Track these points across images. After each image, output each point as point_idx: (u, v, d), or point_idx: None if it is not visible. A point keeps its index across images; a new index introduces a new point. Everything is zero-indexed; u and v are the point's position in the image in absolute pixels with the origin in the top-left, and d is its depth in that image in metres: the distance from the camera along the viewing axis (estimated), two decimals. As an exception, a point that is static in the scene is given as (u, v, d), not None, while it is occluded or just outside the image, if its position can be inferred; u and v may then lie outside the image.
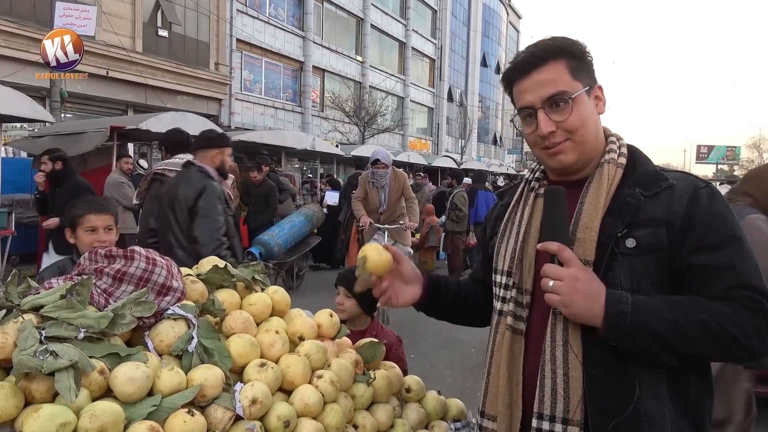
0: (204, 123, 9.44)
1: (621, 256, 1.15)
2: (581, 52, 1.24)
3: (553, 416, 1.14)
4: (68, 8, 10.82)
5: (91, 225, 2.40)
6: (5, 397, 0.98)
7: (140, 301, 1.21)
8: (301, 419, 1.24)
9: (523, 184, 1.37)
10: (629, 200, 1.17)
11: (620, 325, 1.09)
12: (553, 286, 1.11)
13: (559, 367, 1.14)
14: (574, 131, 1.20)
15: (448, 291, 1.43)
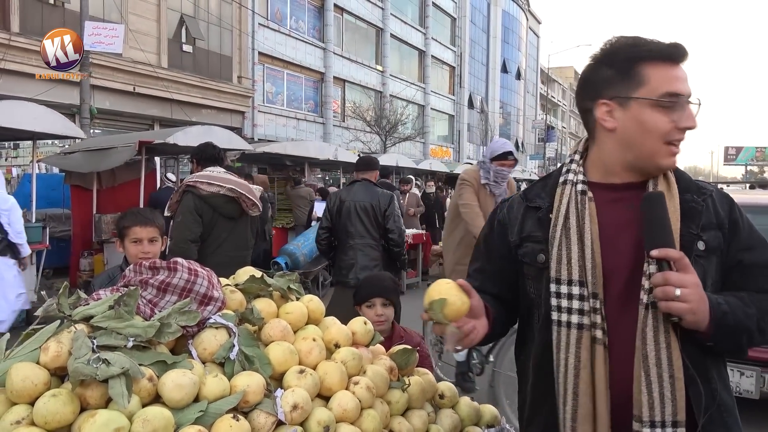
0: (229, 136, 9.61)
1: (696, 258, 1.19)
2: None
3: (663, 421, 1.14)
4: (97, 27, 11.12)
5: (136, 236, 2.47)
6: (63, 403, 1.03)
7: (184, 311, 1.26)
8: (340, 424, 1.28)
9: (570, 188, 1.29)
10: (693, 205, 1.23)
11: (725, 326, 1.14)
12: (681, 294, 1.10)
13: (665, 371, 1.14)
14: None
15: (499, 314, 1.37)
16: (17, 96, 11.59)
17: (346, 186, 4.77)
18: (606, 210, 1.24)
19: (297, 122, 21.90)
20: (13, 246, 5.60)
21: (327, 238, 4.40)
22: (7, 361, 1.11)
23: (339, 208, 4.33)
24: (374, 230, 4.31)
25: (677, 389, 1.14)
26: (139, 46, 14.95)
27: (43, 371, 1.08)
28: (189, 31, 17.15)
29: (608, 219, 1.23)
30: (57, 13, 13.82)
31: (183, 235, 3.55)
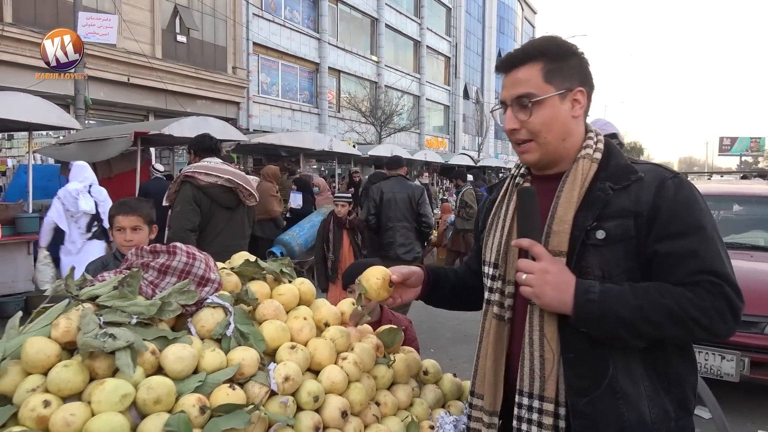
0: (224, 126, 9.66)
1: (592, 247, 1.22)
2: (563, 55, 1.30)
3: (531, 393, 1.25)
4: (90, 18, 11.11)
5: (120, 225, 2.57)
6: (74, 372, 1.12)
7: (184, 291, 1.35)
8: (329, 395, 1.38)
9: (509, 180, 1.45)
10: (599, 194, 1.25)
11: (588, 313, 1.17)
12: (526, 279, 1.21)
13: (536, 350, 1.24)
14: (536, 133, 1.28)
15: (446, 283, 1.56)
16: (11, 87, 11.58)
17: (385, 181, 5.92)
18: (539, 200, 1.28)
19: (292, 113, 21.91)
20: (105, 231, 6.15)
21: (375, 221, 5.69)
22: (20, 336, 1.20)
23: (381, 198, 5.64)
24: (409, 215, 5.63)
25: (546, 369, 1.23)
26: (133, 36, 14.92)
27: (55, 345, 1.18)
28: (183, 21, 17.10)
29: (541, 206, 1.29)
30: (50, 4, 13.77)
31: (182, 224, 3.63)
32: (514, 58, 1.31)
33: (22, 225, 7.24)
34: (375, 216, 5.67)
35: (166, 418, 1.09)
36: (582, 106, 1.31)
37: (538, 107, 1.27)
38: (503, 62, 1.33)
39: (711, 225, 1.23)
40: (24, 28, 12.74)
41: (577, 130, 1.32)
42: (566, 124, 1.30)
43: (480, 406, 1.37)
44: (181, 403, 1.14)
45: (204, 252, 1.52)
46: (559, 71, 1.28)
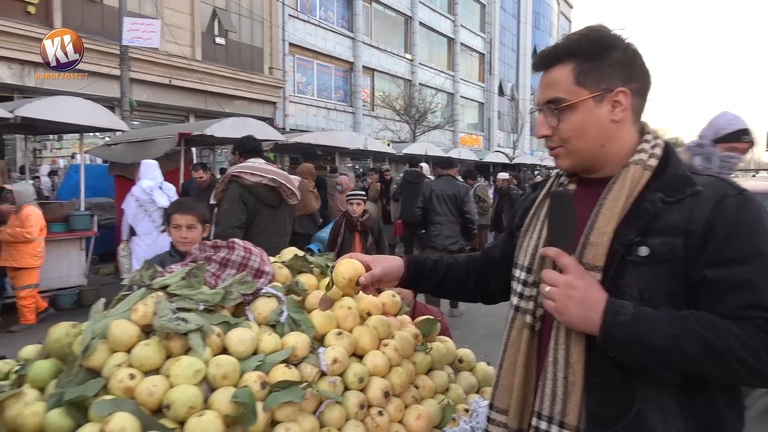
0: (263, 126, 9.93)
1: (632, 265, 1.10)
2: (600, 51, 1.16)
3: (550, 417, 1.13)
4: (135, 23, 11.56)
5: (177, 223, 2.77)
6: (154, 350, 1.29)
7: (243, 282, 1.51)
8: (372, 377, 1.52)
9: (553, 179, 1.34)
10: (647, 206, 1.11)
11: (616, 336, 1.06)
12: (549, 292, 1.11)
13: (560, 370, 1.13)
14: (565, 140, 1.18)
15: (431, 278, 1.48)
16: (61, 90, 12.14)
17: (435, 180, 6.82)
18: (580, 204, 1.17)
19: (327, 112, 22.19)
20: None
21: (421, 214, 6.43)
22: (105, 319, 1.38)
23: (430, 195, 6.37)
24: (455, 211, 6.34)
25: (570, 392, 1.11)
26: (174, 39, 15.38)
27: (135, 326, 1.35)
28: (221, 23, 17.52)
29: (579, 213, 1.16)
30: (96, 9, 14.32)
31: (229, 221, 3.84)
32: (545, 59, 1.20)
33: (75, 222, 7.62)
34: (422, 209, 6.39)
35: (233, 392, 1.25)
36: (624, 108, 1.16)
37: (568, 113, 1.16)
38: (537, 61, 1.23)
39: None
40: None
41: (622, 134, 1.18)
42: (604, 129, 1.16)
43: (502, 422, 1.25)
44: (245, 379, 1.30)
45: (258, 247, 1.68)
46: (594, 71, 1.15)
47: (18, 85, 12.62)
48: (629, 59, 1.17)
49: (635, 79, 1.17)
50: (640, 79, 1.18)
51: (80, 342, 1.33)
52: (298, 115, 20.73)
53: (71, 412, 1.21)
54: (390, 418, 1.49)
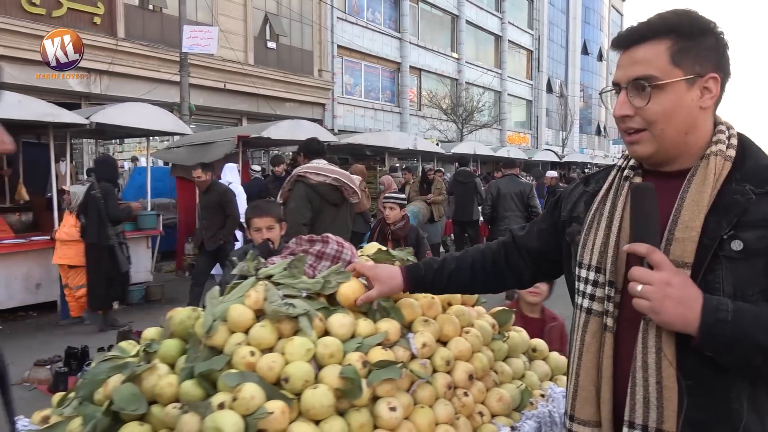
0: (315, 128, 10.21)
1: (725, 260, 1.05)
2: (698, 32, 1.11)
3: (645, 426, 1.07)
4: (194, 30, 12.04)
5: (257, 226, 2.96)
6: (269, 332, 1.46)
7: (339, 272, 1.66)
8: (457, 361, 1.64)
9: (615, 172, 1.26)
10: (738, 198, 1.07)
11: (718, 335, 1.01)
12: (642, 290, 1.05)
13: (652, 375, 1.07)
14: (652, 123, 1.11)
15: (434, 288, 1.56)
16: (125, 96, 12.77)
17: (500, 179, 7.71)
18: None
19: (375, 112, 22.43)
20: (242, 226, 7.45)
21: (490, 211, 7.34)
22: (222, 304, 1.55)
23: (497, 193, 7.25)
24: (520, 206, 7.14)
25: (665, 397, 1.06)
26: (229, 45, 15.90)
27: (250, 310, 1.52)
28: (273, 28, 17.99)
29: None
30: (156, 18, 14.97)
31: (297, 219, 4.05)
32: (635, 34, 1.13)
33: (142, 222, 8.04)
34: (491, 207, 7.29)
35: (339, 369, 1.40)
36: (714, 95, 1.12)
37: (659, 93, 1.09)
38: (622, 37, 1.16)
39: None
40: (134, 42, 13.95)
41: (705, 123, 1.14)
42: (692, 115, 1.11)
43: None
44: (348, 359, 1.45)
45: (348, 242, 1.83)
46: (690, 52, 1.09)
47: (85, 92, 13.34)
48: (721, 47, 1.13)
49: (723, 68, 1.13)
50: (726, 69, 1.14)
51: (202, 324, 1.51)
52: (346, 116, 21.04)
53: (201, 383, 1.38)
54: (474, 399, 1.62)
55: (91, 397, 1.56)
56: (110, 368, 1.59)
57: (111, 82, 13.66)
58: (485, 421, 1.62)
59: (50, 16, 12.31)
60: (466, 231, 9.44)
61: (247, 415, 1.25)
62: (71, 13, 12.83)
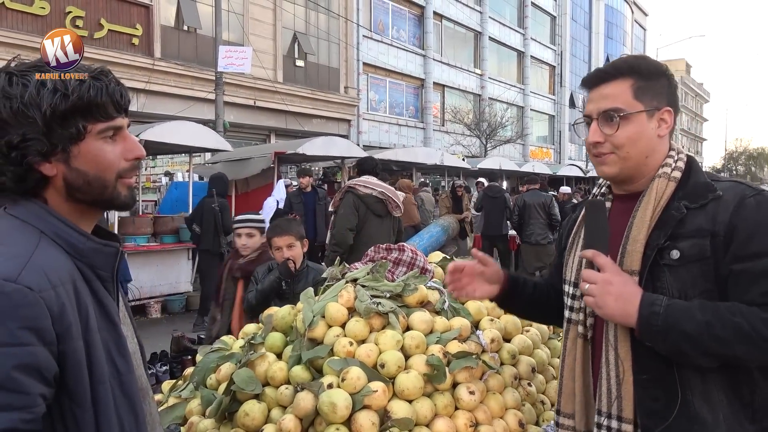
0: (348, 144, 10.55)
1: (667, 268, 1.22)
2: (654, 74, 1.31)
3: (609, 413, 1.25)
4: (229, 50, 12.49)
5: (277, 245, 2.93)
6: (362, 326, 1.71)
7: (417, 276, 1.90)
8: (521, 355, 1.87)
9: (591, 198, 1.44)
10: (673, 213, 1.24)
11: (652, 325, 1.17)
12: (588, 288, 1.24)
13: (612, 369, 1.24)
14: (619, 147, 1.28)
15: (523, 292, 1.55)
16: (161, 114, 13.27)
17: (525, 192, 8.99)
18: (620, 218, 1.31)
19: (399, 128, 22.76)
20: None
21: (518, 219, 8.61)
22: (319, 302, 1.80)
23: (523, 204, 8.52)
24: (543, 215, 8.39)
25: (623, 390, 1.23)
26: (259, 63, 16.39)
27: (344, 308, 1.77)
28: (301, 46, 18.47)
29: (615, 227, 1.30)
30: (191, 39, 15.52)
31: (344, 224, 4.47)
32: (603, 73, 1.33)
33: (183, 234, 8.38)
34: (518, 217, 8.60)
35: (425, 357, 1.63)
36: (668, 126, 1.31)
37: (625, 123, 1.27)
38: (591, 77, 1.35)
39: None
40: (170, 62, 14.48)
41: (661, 149, 1.32)
42: (651, 141, 1.30)
43: (570, 425, 1.37)
44: (431, 349, 1.68)
45: (420, 251, 2.07)
46: (648, 89, 1.29)
47: (124, 110, 13.88)
48: (672, 87, 1.34)
49: (674, 104, 1.34)
50: (676, 105, 1.35)
51: (302, 319, 1.76)
52: (371, 131, 21.39)
53: (308, 368, 1.63)
54: (536, 389, 1.83)
55: (204, 381, 1.81)
56: (219, 357, 1.84)
57: (147, 100, 14.16)
58: (546, 409, 1.84)
59: (92, 38, 12.88)
60: (495, 245, 9.63)
61: (354, 393, 1.49)
62: (111, 35, 13.41)
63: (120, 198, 1.07)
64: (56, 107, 0.99)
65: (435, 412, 1.58)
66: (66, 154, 1.01)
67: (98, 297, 1.02)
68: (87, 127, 1.02)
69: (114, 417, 1.00)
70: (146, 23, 14.17)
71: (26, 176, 1.01)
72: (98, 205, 1.07)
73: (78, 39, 1.14)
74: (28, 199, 1.02)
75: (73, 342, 0.94)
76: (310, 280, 2.90)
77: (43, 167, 1.01)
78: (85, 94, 1.01)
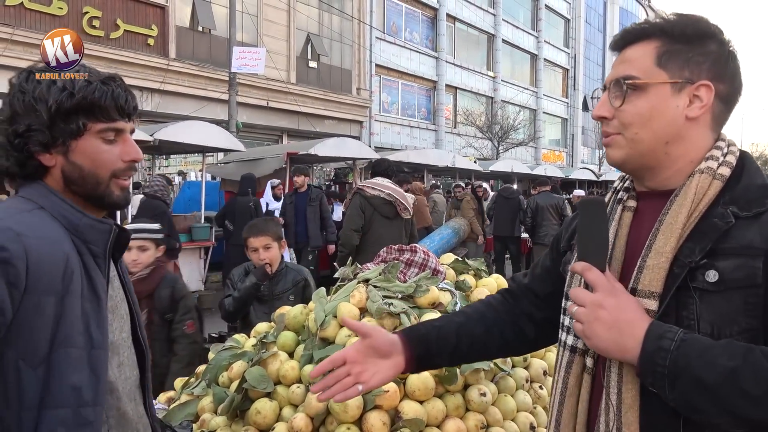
0: (359, 146, 10.56)
1: (699, 293, 0.92)
2: (694, 36, 1.00)
3: None
4: (243, 51, 12.58)
5: (253, 246, 2.87)
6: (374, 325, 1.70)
7: (429, 278, 1.91)
8: (532, 359, 1.86)
9: (611, 194, 1.14)
10: (716, 221, 0.93)
11: (657, 365, 0.87)
12: (576, 312, 0.96)
13: (612, 420, 0.95)
14: (626, 125, 1.01)
15: (442, 349, 1.21)
16: (175, 114, 13.39)
17: (537, 195, 9.06)
18: (639, 223, 1.03)
19: (411, 130, 22.77)
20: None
21: (531, 221, 8.75)
22: (331, 302, 1.81)
23: (536, 206, 8.68)
24: (556, 216, 8.57)
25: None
26: (273, 64, 16.48)
27: (356, 308, 1.77)
28: (314, 48, 18.56)
29: (635, 234, 1.03)
30: (205, 39, 15.64)
31: (348, 224, 4.55)
32: (628, 34, 1.06)
33: (196, 233, 8.46)
34: (531, 218, 8.76)
35: (437, 359, 1.63)
36: (705, 105, 0.99)
37: (637, 94, 1.00)
38: (617, 37, 1.08)
39: None
40: (184, 62, 14.61)
41: (695, 136, 1.00)
42: (674, 123, 0.99)
43: None
44: (442, 351, 1.68)
45: (432, 252, 2.07)
46: (679, 55, 0.99)
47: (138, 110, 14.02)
48: (725, 57, 1.01)
49: (725, 80, 1.01)
50: (730, 82, 1.01)
51: (314, 319, 1.77)
52: (383, 133, 21.42)
53: (320, 368, 1.63)
54: (548, 392, 1.83)
55: (216, 379, 1.83)
56: (231, 356, 1.86)
57: (162, 100, 14.30)
58: (557, 413, 1.83)
59: (108, 38, 13.02)
60: (507, 247, 9.60)
61: (365, 393, 1.49)
62: (127, 35, 13.54)
63: (112, 196, 1.15)
64: (61, 104, 1.08)
65: (446, 413, 1.59)
66: (65, 147, 1.10)
67: (88, 270, 1.09)
68: (87, 125, 1.11)
69: (68, 384, 1.01)
70: (161, 24, 14.30)
71: (26, 163, 1.10)
72: (92, 201, 1.15)
73: (78, 39, 1.20)
74: (35, 181, 1.12)
75: (40, 297, 0.99)
76: (290, 281, 2.98)
77: (43, 157, 1.10)
78: (89, 95, 1.10)
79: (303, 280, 3.03)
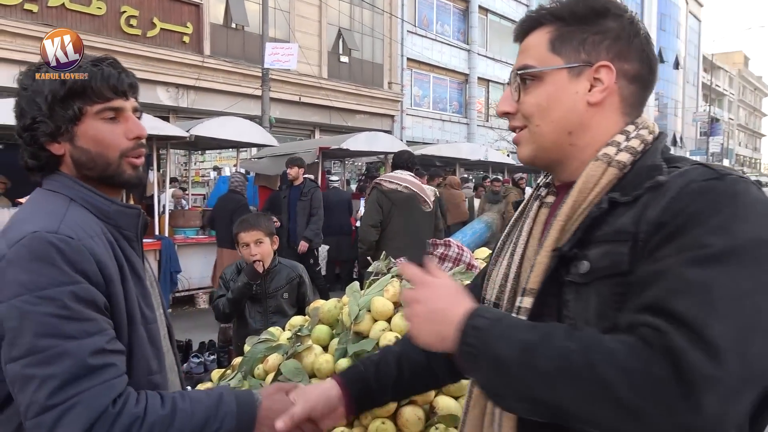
0: (392, 140, 10.57)
1: (574, 287, 0.83)
2: (588, 17, 0.91)
3: None
4: (276, 47, 12.70)
5: (244, 241, 2.81)
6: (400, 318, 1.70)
7: (463, 272, 1.89)
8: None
9: (532, 191, 1.06)
10: (593, 210, 0.86)
11: (465, 344, 0.81)
12: (405, 312, 0.92)
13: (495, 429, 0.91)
14: (528, 117, 0.94)
15: (384, 385, 1.17)
16: (210, 110, 13.61)
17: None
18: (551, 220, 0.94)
19: (442, 123, 22.65)
20: None
21: None
22: (365, 296, 1.82)
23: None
24: None
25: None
26: (305, 59, 16.59)
27: (389, 303, 1.77)
28: (346, 42, 18.62)
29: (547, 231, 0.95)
30: (238, 36, 15.85)
31: (366, 220, 4.58)
32: (524, 23, 0.98)
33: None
34: None
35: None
36: (606, 88, 0.90)
37: (535, 84, 0.93)
38: (516, 29, 1.00)
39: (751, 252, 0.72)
40: (219, 59, 14.83)
41: (599, 124, 0.92)
42: (574, 110, 0.91)
43: None
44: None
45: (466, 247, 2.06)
46: (573, 37, 0.91)
47: (173, 106, 14.30)
48: (626, 32, 0.91)
49: (630, 58, 0.91)
50: (637, 61, 0.92)
51: (348, 313, 1.78)
52: (414, 127, 21.37)
53: (354, 361, 1.64)
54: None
55: (252, 371, 1.85)
56: (266, 348, 1.88)
57: (197, 97, 14.56)
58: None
59: (145, 36, 13.30)
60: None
61: (400, 388, 1.49)
62: (164, 33, 13.81)
63: (124, 175, 1.18)
64: (56, 92, 1.13)
65: (480, 409, 1.57)
66: (70, 134, 1.15)
67: (126, 254, 1.16)
68: (84, 108, 1.14)
69: (143, 358, 1.13)
70: (196, 21, 14.54)
71: (39, 154, 1.16)
72: (106, 182, 1.19)
73: (78, 39, 1.23)
74: (57, 172, 1.17)
75: (114, 286, 1.08)
76: (283, 277, 2.96)
77: (52, 147, 1.15)
78: (79, 79, 1.14)
79: (297, 276, 3.00)
